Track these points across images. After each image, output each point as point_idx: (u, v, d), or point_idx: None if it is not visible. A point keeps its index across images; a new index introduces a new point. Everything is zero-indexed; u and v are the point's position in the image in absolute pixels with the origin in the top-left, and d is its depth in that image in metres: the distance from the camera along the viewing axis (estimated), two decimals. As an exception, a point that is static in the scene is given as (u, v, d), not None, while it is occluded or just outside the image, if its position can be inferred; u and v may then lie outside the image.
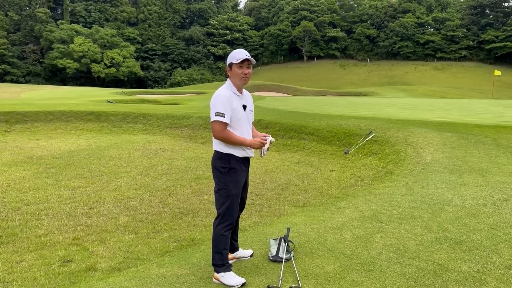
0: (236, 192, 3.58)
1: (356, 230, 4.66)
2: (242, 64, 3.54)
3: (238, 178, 3.61)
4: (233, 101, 3.52)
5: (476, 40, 79.36)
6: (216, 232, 3.57)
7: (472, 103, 25.13)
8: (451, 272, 3.59)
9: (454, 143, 9.43)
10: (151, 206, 6.73)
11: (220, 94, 3.50)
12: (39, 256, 4.80)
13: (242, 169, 3.65)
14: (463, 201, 5.59)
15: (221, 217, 3.58)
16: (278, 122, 13.55)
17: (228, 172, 3.56)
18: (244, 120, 3.64)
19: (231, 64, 3.55)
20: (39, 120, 16.12)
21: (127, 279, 3.71)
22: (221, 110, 3.44)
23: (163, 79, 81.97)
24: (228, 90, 3.57)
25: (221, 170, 3.56)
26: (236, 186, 3.58)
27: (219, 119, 3.44)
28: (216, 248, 3.57)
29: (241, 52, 3.54)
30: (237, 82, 3.59)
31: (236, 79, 3.57)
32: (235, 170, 3.57)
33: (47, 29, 75.11)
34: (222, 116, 3.43)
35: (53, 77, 74.92)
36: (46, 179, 8.49)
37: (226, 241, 3.58)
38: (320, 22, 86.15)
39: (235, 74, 3.56)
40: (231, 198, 3.56)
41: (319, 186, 7.85)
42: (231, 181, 3.56)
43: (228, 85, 3.61)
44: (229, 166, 3.56)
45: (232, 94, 3.56)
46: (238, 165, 3.60)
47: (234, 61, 3.52)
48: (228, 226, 3.58)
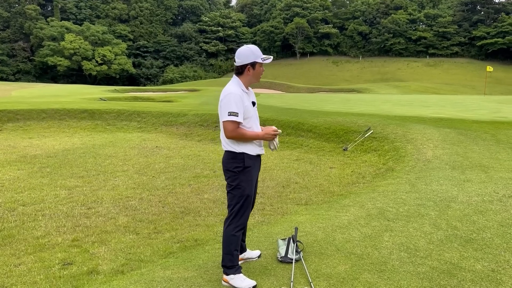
0: (249, 191, 3.48)
1: (364, 229, 4.57)
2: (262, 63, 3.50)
3: (252, 176, 3.51)
4: (244, 100, 3.41)
5: (467, 36, 79.86)
6: (227, 232, 3.46)
7: (466, 99, 25.22)
8: (466, 272, 3.52)
9: (453, 139, 9.39)
10: (150, 206, 6.59)
11: (231, 92, 3.37)
12: (38, 258, 4.65)
13: (255, 167, 3.56)
14: (468, 198, 5.52)
15: (233, 217, 3.47)
16: (274, 119, 13.43)
17: (242, 171, 3.44)
18: (254, 117, 3.55)
19: (255, 63, 3.45)
20: (32, 119, 15.86)
21: (131, 282, 3.59)
22: (234, 109, 3.32)
23: (155, 76, 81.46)
24: (238, 87, 3.45)
25: (235, 170, 3.45)
26: (249, 185, 3.49)
27: (233, 119, 3.31)
28: (226, 248, 3.46)
29: (260, 51, 3.49)
30: (254, 80, 3.52)
31: (256, 78, 3.51)
32: (249, 168, 3.47)
33: (37, 26, 74.25)
34: (235, 116, 3.31)
35: (44, 75, 74.11)
36: (41, 178, 8.31)
37: (237, 241, 3.47)
38: (313, 19, 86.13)
39: (257, 74, 3.50)
40: (244, 198, 3.46)
41: (320, 184, 7.77)
42: (245, 180, 3.46)
43: (237, 82, 3.49)
44: (244, 165, 3.44)
45: (243, 93, 3.44)
46: (252, 163, 3.49)
47: (260, 60, 3.45)
48: (240, 226, 3.48)
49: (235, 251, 3.46)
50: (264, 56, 3.47)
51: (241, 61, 3.44)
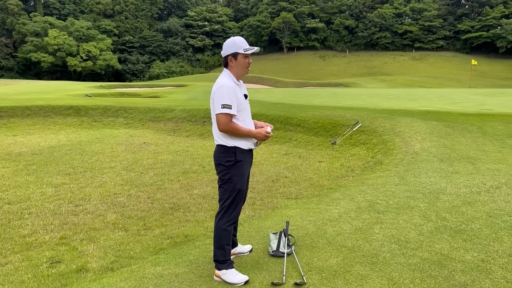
0: (241, 185, 3.44)
1: (354, 222, 4.58)
2: (248, 54, 3.43)
3: (244, 171, 3.47)
4: (237, 92, 3.35)
5: (452, 30, 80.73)
6: (219, 226, 3.42)
7: (452, 92, 25.49)
8: (456, 262, 3.54)
9: (440, 131, 9.47)
10: (139, 202, 6.52)
11: (224, 85, 3.31)
12: (25, 257, 4.56)
13: (247, 161, 3.52)
14: (457, 189, 5.57)
15: (225, 211, 3.43)
16: (263, 114, 13.39)
17: (234, 165, 3.40)
18: (247, 110, 3.50)
19: (236, 54, 3.38)
20: (16, 116, 15.58)
21: (122, 279, 3.54)
22: (227, 101, 3.26)
23: (142, 72, 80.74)
24: (230, 79, 3.39)
25: (226, 164, 3.40)
26: (241, 179, 3.44)
27: (227, 111, 3.26)
28: (218, 243, 3.42)
29: (244, 42, 3.40)
30: (240, 72, 3.44)
31: (241, 69, 3.42)
32: (241, 163, 3.42)
33: (19, 21, 72.88)
34: (229, 108, 3.26)
35: (27, 71, 72.91)
36: (26, 176, 8.17)
37: (229, 236, 3.43)
38: (299, 13, 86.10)
39: (240, 64, 3.40)
40: (236, 192, 3.42)
41: (310, 178, 7.77)
42: (236, 174, 3.41)
43: (228, 75, 3.43)
44: (235, 159, 3.40)
45: (235, 86, 3.39)
46: (243, 158, 3.45)
47: (241, 51, 3.37)
48: (232, 221, 3.45)
49: (227, 245, 3.43)
50: (247, 47, 3.39)
51: (224, 52, 3.41)
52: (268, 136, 3.48)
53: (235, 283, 3.31)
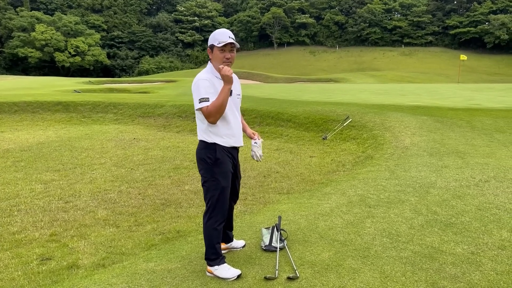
0: (225, 183, 3.34)
1: (346, 216, 4.60)
2: (225, 48, 3.24)
3: (226, 169, 3.36)
4: (214, 85, 3.24)
5: (441, 25, 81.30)
6: (208, 226, 3.36)
7: (441, 87, 25.72)
8: (447, 255, 3.58)
9: (430, 126, 9.55)
10: (130, 198, 6.48)
11: (200, 79, 3.23)
12: (15, 254, 4.51)
13: (229, 160, 3.39)
14: (446, 183, 5.63)
15: (211, 211, 3.36)
16: (254, 109, 13.39)
17: (214, 163, 3.31)
18: (230, 105, 3.34)
19: (212, 46, 3.26)
20: (3, 112, 15.37)
21: (113, 275, 3.51)
22: (203, 95, 3.17)
23: (131, 67, 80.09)
24: (208, 73, 3.29)
25: (207, 160, 3.32)
26: (225, 177, 3.34)
27: (205, 105, 3.17)
28: (208, 242, 3.38)
29: (224, 34, 3.23)
30: (218, 66, 3.25)
31: (218, 62, 3.26)
32: (221, 160, 3.32)
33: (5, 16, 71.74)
34: (206, 101, 3.16)
35: (14, 67, 71.85)
36: (15, 173, 8.07)
37: (218, 235, 3.40)
38: (289, 9, 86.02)
39: (216, 58, 3.26)
40: (220, 191, 3.32)
41: (301, 173, 7.79)
42: (219, 172, 3.32)
43: (209, 68, 3.34)
44: (215, 157, 3.31)
45: (213, 78, 3.27)
46: (224, 155, 3.35)
47: (216, 44, 3.22)
48: (220, 219, 3.37)
49: (217, 244, 3.39)
50: (222, 40, 3.20)
51: (208, 45, 3.35)
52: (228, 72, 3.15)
53: (228, 278, 3.31)
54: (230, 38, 3.21)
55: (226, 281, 3.29)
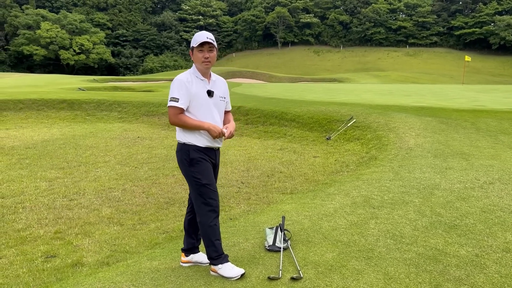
0: (207, 181, 3.32)
1: (349, 217, 4.61)
2: (203, 48, 3.29)
3: (204, 166, 3.34)
4: (192, 86, 3.28)
5: (446, 26, 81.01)
6: (203, 225, 3.35)
7: (445, 88, 25.64)
8: (451, 257, 3.58)
9: (435, 127, 9.53)
10: (134, 197, 6.51)
11: (176, 79, 3.30)
12: (19, 251, 4.54)
13: (205, 160, 3.37)
14: (451, 185, 5.62)
15: (201, 210, 3.35)
16: (258, 108, 13.40)
17: (190, 163, 3.32)
18: (209, 107, 3.37)
19: (192, 48, 3.34)
20: (8, 109, 15.43)
21: (118, 274, 3.53)
22: (175, 94, 3.24)
23: (135, 66, 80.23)
24: (188, 74, 3.35)
25: (184, 162, 3.35)
26: (204, 175, 3.33)
27: (173, 104, 3.24)
28: (207, 241, 3.36)
29: (201, 35, 3.30)
30: (199, 67, 3.36)
31: (198, 63, 3.34)
32: (196, 160, 3.32)
33: (11, 14, 72.01)
34: (175, 101, 3.23)
35: (19, 65, 72.13)
36: (20, 170, 8.11)
37: (215, 231, 3.35)
38: (294, 8, 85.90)
39: (196, 58, 3.33)
40: (204, 188, 3.31)
41: (305, 173, 7.79)
42: (197, 171, 3.32)
43: (192, 70, 3.39)
44: (189, 157, 3.32)
45: (193, 79, 3.32)
46: (199, 156, 3.33)
47: (194, 45, 3.30)
48: (212, 216, 3.33)
49: (216, 240, 3.36)
50: (198, 40, 3.27)
51: None
52: (223, 135, 3.36)
53: (231, 277, 3.31)
54: (208, 38, 3.27)
55: (229, 280, 3.30)
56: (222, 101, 3.52)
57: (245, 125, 12.72)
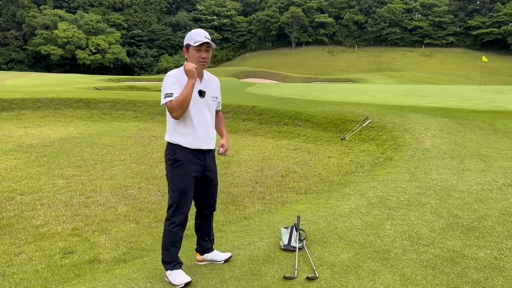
0: (183, 187, 3.22)
1: (365, 217, 4.58)
2: (201, 47, 3.19)
3: (185, 171, 3.23)
4: (183, 85, 3.17)
5: (463, 26, 79.81)
6: (165, 226, 3.29)
7: (461, 89, 25.29)
8: (469, 259, 3.53)
9: (451, 128, 9.41)
10: (150, 195, 6.57)
11: (167, 75, 3.21)
12: (38, 247, 4.62)
13: (191, 162, 3.26)
14: (468, 186, 5.54)
15: (169, 212, 3.28)
16: (272, 108, 13.40)
17: (173, 164, 3.24)
18: (200, 107, 3.27)
19: (188, 46, 3.22)
20: (27, 108, 15.71)
21: (134, 270, 3.57)
22: (167, 90, 3.14)
23: (150, 65, 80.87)
24: (180, 72, 3.23)
25: (168, 161, 3.28)
26: (182, 180, 3.22)
27: (169, 100, 3.12)
28: (163, 243, 3.30)
29: (200, 34, 3.18)
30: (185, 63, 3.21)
31: (192, 62, 3.20)
32: (180, 162, 3.23)
33: (29, 14, 73.22)
34: (170, 96, 3.12)
35: (37, 64, 73.33)
36: (38, 168, 8.25)
37: (174, 238, 3.26)
38: (308, 8, 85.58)
39: (192, 57, 3.21)
40: (177, 193, 3.22)
41: (319, 173, 7.76)
42: (176, 174, 3.23)
43: (182, 67, 3.25)
44: (174, 158, 3.23)
45: (184, 78, 3.19)
46: (185, 157, 3.24)
47: (192, 43, 3.18)
48: (176, 223, 3.24)
49: (172, 247, 3.28)
50: (198, 39, 3.16)
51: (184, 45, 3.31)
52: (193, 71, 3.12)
53: (176, 284, 3.20)
54: (206, 38, 3.17)
55: (244, 279, 3.30)
56: (214, 101, 3.43)
57: (259, 124, 12.73)
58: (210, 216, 3.62)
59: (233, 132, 12.56)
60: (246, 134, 12.22)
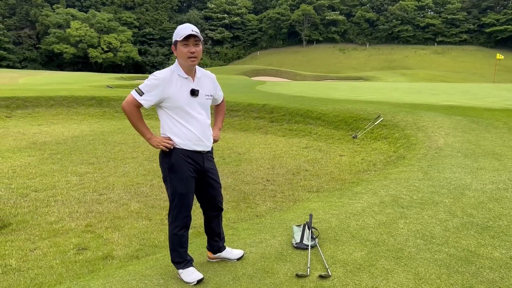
0: (183, 190, 3.11)
1: (378, 216, 4.55)
2: (188, 41, 2.98)
3: (184, 174, 3.11)
4: (171, 86, 3.02)
5: (476, 23, 78.84)
6: (169, 230, 3.26)
7: (475, 87, 24.98)
8: (484, 259, 3.49)
9: (465, 127, 9.30)
10: (162, 192, 6.60)
11: (155, 76, 3.03)
12: (52, 243, 4.68)
13: (187, 165, 3.12)
14: (482, 185, 5.47)
15: (171, 216, 3.22)
16: (283, 106, 13.38)
17: (170, 168, 3.11)
18: (192, 106, 3.10)
19: (176, 42, 3.02)
20: (40, 106, 15.89)
21: (147, 267, 3.59)
22: (143, 88, 3.02)
23: (161, 63, 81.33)
24: (169, 72, 3.06)
25: (164, 165, 3.14)
26: (182, 184, 3.11)
27: (134, 95, 3.04)
28: (171, 246, 3.29)
29: (186, 27, 2.99)
30: (183, 62, 3.06)
31: (182, 59, 3.03)
32: (177, 166, 3.09)
33: (42, 13, 74.11)
34: (139, 94, 3.01)
35: (50, 63, 74.18)
36: (52, 165, 8.34)
37: (180, 240, 3.23)
38: (319, 6, 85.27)
39: (180, 54, 3.02)
40: (178, 197, 3.13)
41: (331, 171, 7.73)
42: (175, 178, 3.11)
43: (175, 67, 3.10)
44: (170, 162, 3.10)
45: (175, 78, 3.05)
46: (181, 160, 3.10)
47: (178, 38, 2.97)
48: (180, 226, 3.19)
49: (180, 248, 3.26)
50: (182, 33, 2.97)
51: None
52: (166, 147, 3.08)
53: (188, 282, 3.22)
54: (193, 31, 2.98)
55: (256, 276, 3.31)
56: (209, 99, 3.27)
57: (270, 123, 12.72)
58: (218, 217, 3.56)
59: (244, 130, 12.57)
60: (257, 132, 12.22)
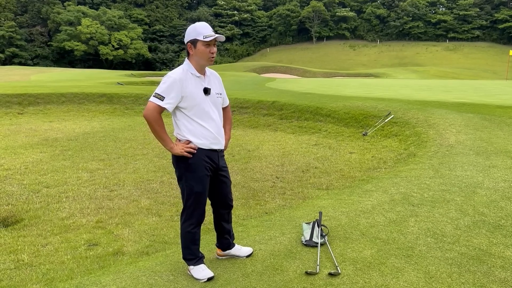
0: (200, 189, 3.14)
1: (388, 214, 4.52)
2: (210, 42, 3.03)
3: (200, 173, 3.13)
4: (188, 86, 3.04)
5: (489, 19, 77.73)
6: (183, 228, 3.28)
7: (487, 84, 24.66)
8: (495, 258, 3.45)
9: (476, 124, 9.19)
10: (172, 189, 6.63)
11: (170, 77, 3.02)
12: (64, 239, 4.73)
13: (204, 164, 3.14)
14: (495, 183, 5.41)
15: (185, 214, 3.25)
16: (292, 103, 13.34)
17: (187, 167, 3.11)
18: (207, 105, 3.14)
19: (195, 41, 3.03)
20: (52, 102, 16.03)
21: (157, 263, 3.62)
22: (162, 92, 2.98)
23: (171, 61, 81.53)
24: (182, 71, 3.06)
25: (180, 164, 3.14)
26: (199, 182, 3.13)
27: (155, 101, 2.99)
28: (183, 243, 3.32)
29: (207, 27, 3.03)
30: (201, 62, 3.09)
31: (202, 58, 3.07)
32: (194, 165, 3.10)
33: (54, 10, 74.65)
34: (159, 99, 2.98)
35: (61, 60, 74.77)
36: (63, 161, 8.43)
37: (193, 237, 3.28)
38: (330, 2, 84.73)
39: (201, 53, 3.04)
40: (194, 196, 3.15)
41: (341, 169, 7.70)
42: (192, 178, 3.12)
43: (186, 66, 3.10)
44: (187, 161, 3.10)
45: (189, 77, 3.07)
46: (198, 160, 3.11)
47: (201, 38, 3.00)
48: (194, 224, 3.24)
49: (193, 245, 3.30)
50: (208, 34, 3.00)
51: (185, 38, 3.10)
52: (190, 152, 3.10)
53: (199, 279, 3.23)
54: (213, 31, 3.06)
55: (266, 273, 3.31)
56: (219, 98, 3.29)
57: (279, 120, 12.70)
58: (228, 214, 3.57)
59: (253, 127, 12.57)
60: (267, 129, 12.21)
